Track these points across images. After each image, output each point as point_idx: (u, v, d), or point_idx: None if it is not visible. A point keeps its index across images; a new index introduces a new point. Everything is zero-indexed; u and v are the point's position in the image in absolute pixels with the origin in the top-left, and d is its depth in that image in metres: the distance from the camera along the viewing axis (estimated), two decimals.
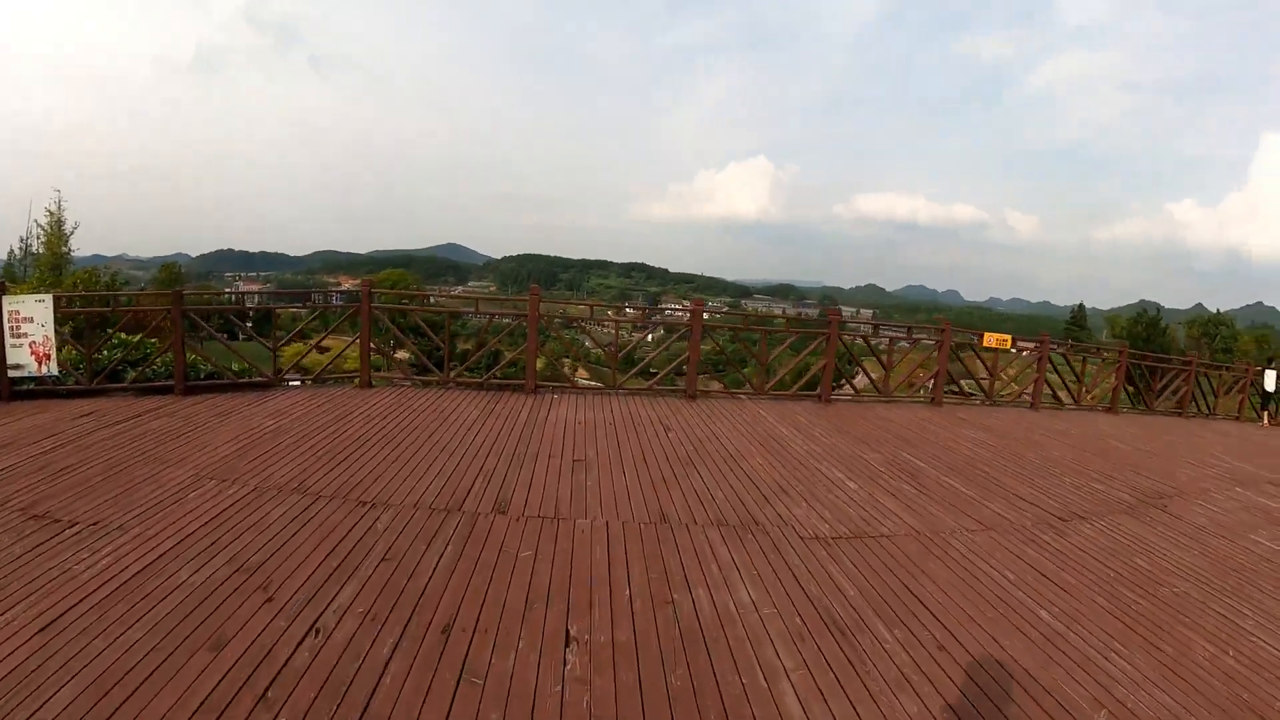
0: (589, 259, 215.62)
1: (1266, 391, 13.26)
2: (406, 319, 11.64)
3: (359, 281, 9.47)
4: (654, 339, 14.86)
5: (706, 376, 8.15)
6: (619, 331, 9.21)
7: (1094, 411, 11.09)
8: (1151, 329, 41.98)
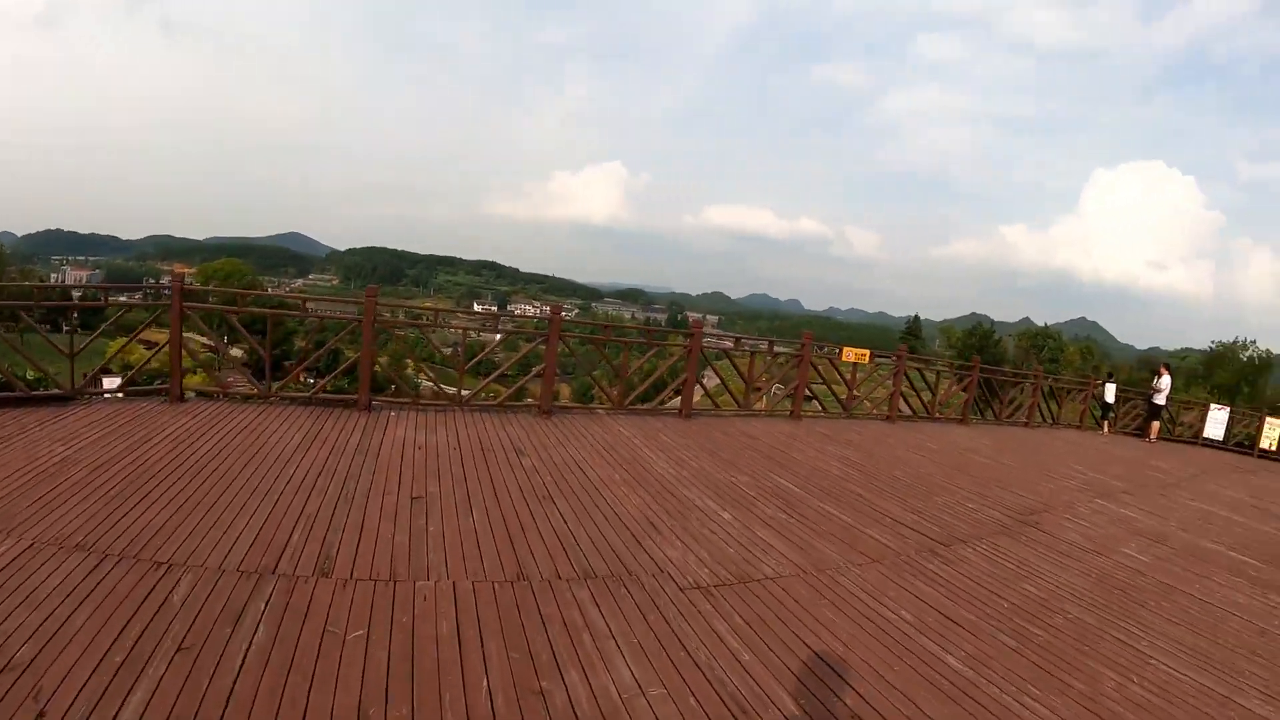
0: (438, 254, 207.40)
1: (1106, 403, 14.67)
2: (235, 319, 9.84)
3: (195, 270, 7.75)
4: (505, 344, 13.83)
5: (556, 379, 7.49)
6: (467, 335, 8.18)
7: (947, 423, 11.48)
8: (985, 340, 47.48)
